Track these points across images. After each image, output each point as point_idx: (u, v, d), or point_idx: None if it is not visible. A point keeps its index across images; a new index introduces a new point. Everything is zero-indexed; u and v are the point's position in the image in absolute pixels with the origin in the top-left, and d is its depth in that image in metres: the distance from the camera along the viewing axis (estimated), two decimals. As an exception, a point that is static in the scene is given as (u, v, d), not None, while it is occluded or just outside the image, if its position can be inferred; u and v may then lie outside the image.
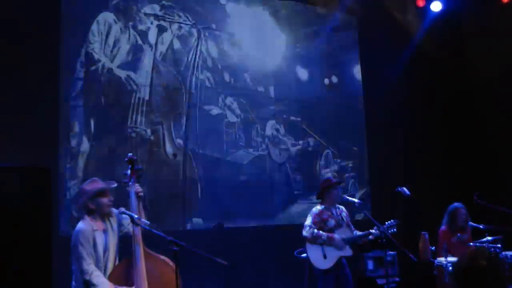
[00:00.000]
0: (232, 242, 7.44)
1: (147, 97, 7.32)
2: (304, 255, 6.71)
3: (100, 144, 6.89)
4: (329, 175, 8.66)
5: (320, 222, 6.63)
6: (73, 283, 4.67)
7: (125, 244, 4.81)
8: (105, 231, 4.74)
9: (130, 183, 4.84)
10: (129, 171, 4.88)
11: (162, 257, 4.69)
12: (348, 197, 6.88)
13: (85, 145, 6.79)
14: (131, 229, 4.74)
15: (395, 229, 6.46)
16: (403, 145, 9.42)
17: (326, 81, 9.12)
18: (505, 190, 8.78)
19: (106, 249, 4.71)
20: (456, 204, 7.39)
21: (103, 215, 4.74)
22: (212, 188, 7.70)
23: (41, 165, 6.18)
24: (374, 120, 9.35)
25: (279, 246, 7.73)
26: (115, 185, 4.77)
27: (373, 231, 6.51)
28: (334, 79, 9.19)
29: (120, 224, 4.90)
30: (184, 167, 7.49)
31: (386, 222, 6.49)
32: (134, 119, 7.19)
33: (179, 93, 7.62)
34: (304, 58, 8.86)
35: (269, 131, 8.40)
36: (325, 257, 6.57)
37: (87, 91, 6.90)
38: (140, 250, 4.65)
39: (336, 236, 6.58)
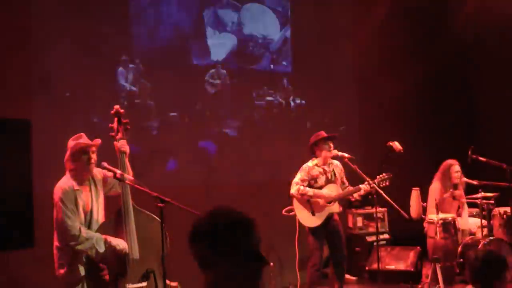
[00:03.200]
0: (218, 198, 7.50)
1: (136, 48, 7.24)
2: (293, 213, 6.80)
3: (80, 95, 6.80)
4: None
5: (309, 179, 6.69)
6: (56, 243, 4.69)
7: (114, 201, 4.84)
8: (87, 191, 4.74)
9: (117, 136, 4.83)
10: (115, 124, 4.87)
11: (150, 213, 4.74)
12: (338, 152, 6.92)
13: (64, 96, 6.70)
14: (119, 189, 4.77)
15: (388, 182, 6.54)
16: (395, 98, 9.45)
17: (315, 35, 9.04)
18: (500, 145, 8.88)
19: (88, 210, 4.71)
20: (449, 160, 7.48)
21: (85, 173, 4.73)
22: (196, 142, 7.70)
23: (16, 117, 6.12)
24: (365, 74, 9.34)
25: (268, 202, 7.81)
26: (100, 142, 4.74)
27: (362, 186, 6.59)
28: (323, 32, 9.12)
29: (106, 184, 4.90)
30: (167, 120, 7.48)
31: (378, 176, 6.57)
32: (121, 71, 7.12)
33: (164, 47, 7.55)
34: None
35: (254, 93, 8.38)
36: (313, 214, 6.65)
37: (65, 36, 6.77)
38: (129, 207, 4.68)
39: (324, 193, 6.64)
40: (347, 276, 7.91)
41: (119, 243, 4.59)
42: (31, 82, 6.53)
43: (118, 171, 4.68)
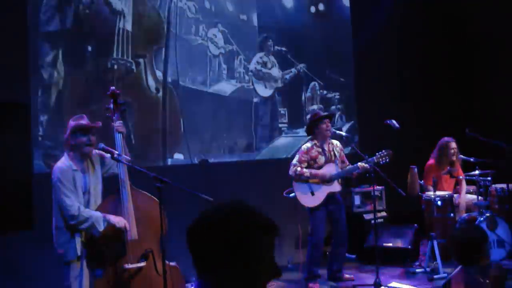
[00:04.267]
0: (215, 178, 7.53)
1: (128, 27, 7.19)
2: (293, 194, 6.84)
3: (76, 76, 6.80)
4: (315, 107, 8.71)
5: (308, 160, 6.72)
6: (54, 223, 4.74)
7: (112, 182, 4.88)
8: (84, 172, 4.79)
9: (114, 117, 4.87)
10: (112, 106, 4.90)
11: (148, 194, 4.79)
12: (335, 130, 6.95)
13: (59, 78, 6.69)
14: (116, 170, 4.82)
15: (387, 159, 6.57)
16: (393, 76, 9.45)
17: (313, 8, 9.02)
18: (497, 122, 8.91)
19: (85, 191, 4.77)
20: (446, 138, 7.52)
21: (84, 154, 4.77)
22: (193, 122, 7.71)
23: (11, 99, 6.13)
24: (363, 50, 9.32)
25: (264, 181, 7.85)
26: (100, 124, 4.79)
27: (360, 164, 6.63)
28: (321, 6, 9.09)
29: (104, 165, 4.94)
30: (164, 100, 7.46)
31: (377, 153, 6.59)
32: (114, 50, 7.09)
33: (158, 23, 7.50)
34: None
35: (254, 63, 8.34)
36: (312, 194, 6.70)
37: (58, 17, 6.75)
38: (126, 188, 4.73)
39: (320, 171, 6.68)
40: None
41: (119, 221, 4.64)
42: (29, 65, 6.51)
43: (116, 152, 4.74)
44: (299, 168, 6.64)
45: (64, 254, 4.70)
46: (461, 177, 7.51)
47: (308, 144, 6.81)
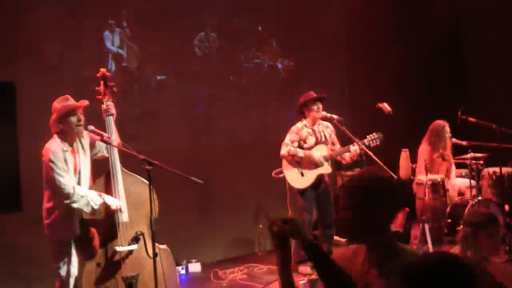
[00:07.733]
0: (206, 160, 7.55)
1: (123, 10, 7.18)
2: (282, 175, 6.86)
3: (68, 58, 6.75)
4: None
5: (299, 140, 6.74)
6: (46, 204, 4.73)
7: (102, 165, 4.88)
8: (75, 153, 4.78)
9: (104, 99, 4.86)
10: (102, 87, 4.89)
11: (138, 176, 4.80)
12: (326, 113, 6.95)
13: (51, 59, 6.65)
14: (106, 153, 4.81)
15: (378, 142, 6.58)
16: (384, 59, 9.44)
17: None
18: (489, 105, 8.93)
19: (77, 171, 4.76)
20: (441, 121, 7.51)
21: (73, 135, 4.75)
22: (185, 105, 7.70)
23: (0, 79, 6.11)
24: (355, 35, 9.30)
25: (254, 163, 7.87)
26: (87, 103, 4.76)
27: (352, 146, 6.64)
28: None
29: (93, 146, 4.94)
30: (155, 83, 7.46)
31: (368, 136, 6.61)
32: (107, 34, 7.06)
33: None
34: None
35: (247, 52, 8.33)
36: (302, 175, 6.73)
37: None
38: (117, 169, 4.73)
39: (315, 153, 6.71)
40: (335, 237, 8.02)
41: (114, 202, 4.65)
42: (17, 45, 6.46)
43: (106, 134, 4.74)
44: (292, 148, 6.67)
45: (54, 236, 4.70)
46: (451, 161, 7.54)
47: (298, 125, 6.84)
